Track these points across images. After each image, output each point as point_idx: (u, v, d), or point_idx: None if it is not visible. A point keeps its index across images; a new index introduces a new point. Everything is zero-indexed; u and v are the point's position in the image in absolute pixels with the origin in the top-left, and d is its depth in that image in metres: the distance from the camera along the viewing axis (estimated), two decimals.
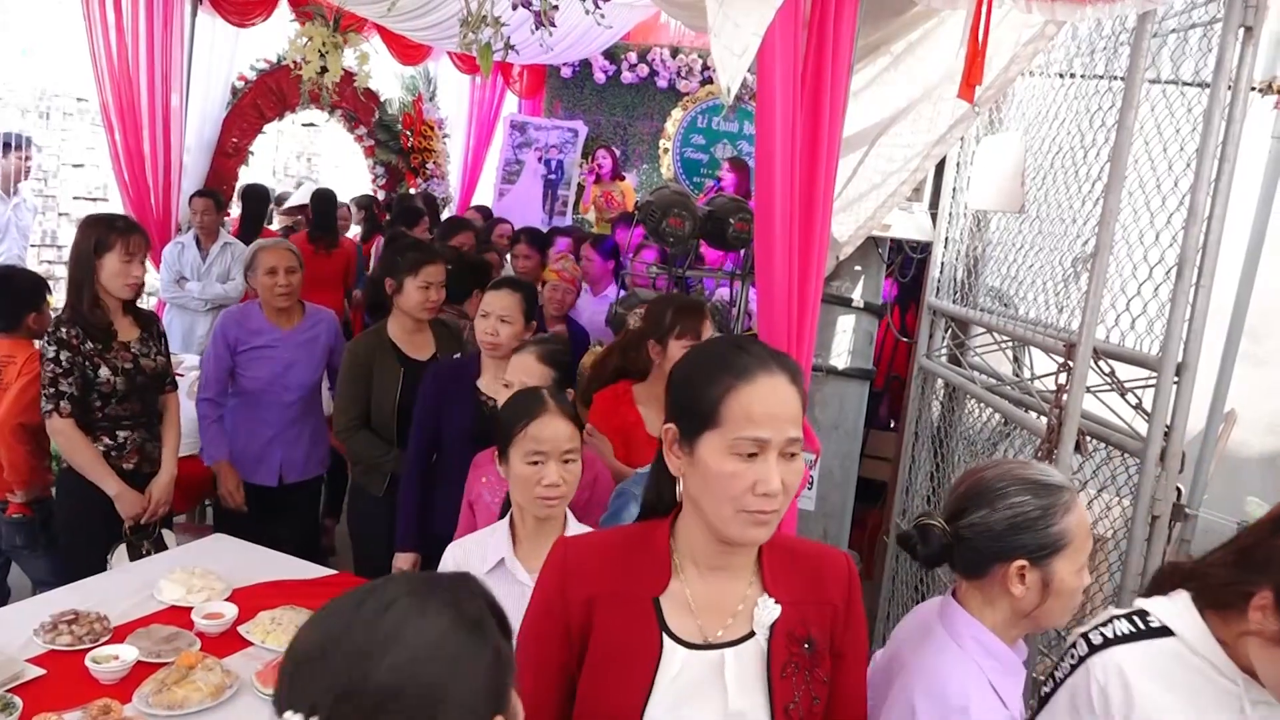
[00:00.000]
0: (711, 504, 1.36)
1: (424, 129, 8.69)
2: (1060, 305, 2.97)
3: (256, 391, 3.72)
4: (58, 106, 8.39)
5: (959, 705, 1.55)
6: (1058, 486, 1.64)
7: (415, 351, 3.52)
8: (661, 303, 3.06)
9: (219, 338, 3.69)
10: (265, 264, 3.66)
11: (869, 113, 3.37)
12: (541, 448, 2.13)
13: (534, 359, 2.74)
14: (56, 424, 3.12)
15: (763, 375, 1.35)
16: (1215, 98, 2.26)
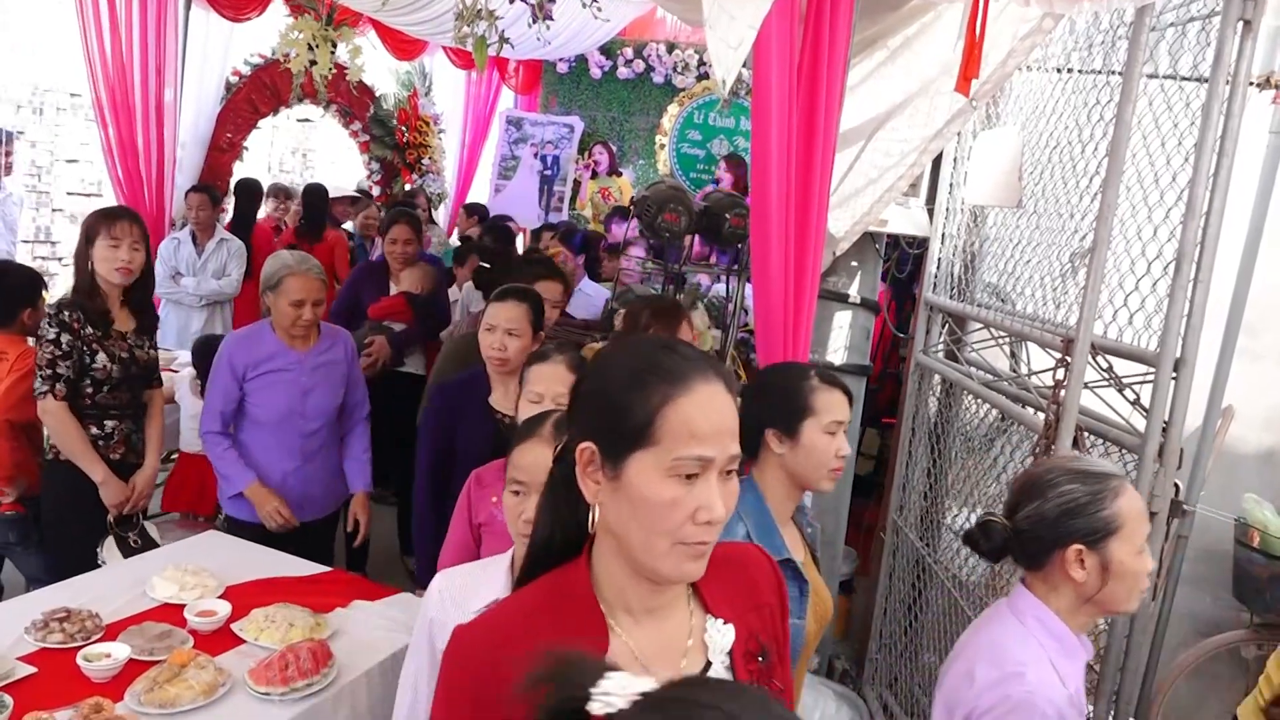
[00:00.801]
0: (641, 536, 1.15)
1: (419, 124, 8.67)
2: (1058, 301, 2.96)
3: (271, 422, 3.36)
4: (51, 101, 8.36)
5: (1015, 671, 1.66)
6: (1105, 474, 1.74)
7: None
8: (639, 304, 2.98)
9: (225, 365, 3.32)
10: (292, 293, 3.26)
11: (865, 107, 3.36)
12: (521, 477, 1.93)
13: (565, 368, 2.48)
14: (50, 405, 3.12)
15: (701, 382, 1.15)
16: (1214, 92, 2.25)
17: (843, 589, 4.46)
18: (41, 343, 3.11)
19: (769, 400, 2.06)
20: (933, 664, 3.50)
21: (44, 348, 3.10)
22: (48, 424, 3.19)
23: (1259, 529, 3.34)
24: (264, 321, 3.43)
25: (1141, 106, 2.51)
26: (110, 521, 3.28)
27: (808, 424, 2.00)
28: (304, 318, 3.29)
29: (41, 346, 3.10)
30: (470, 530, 2.41)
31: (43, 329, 3.12)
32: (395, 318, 4.85)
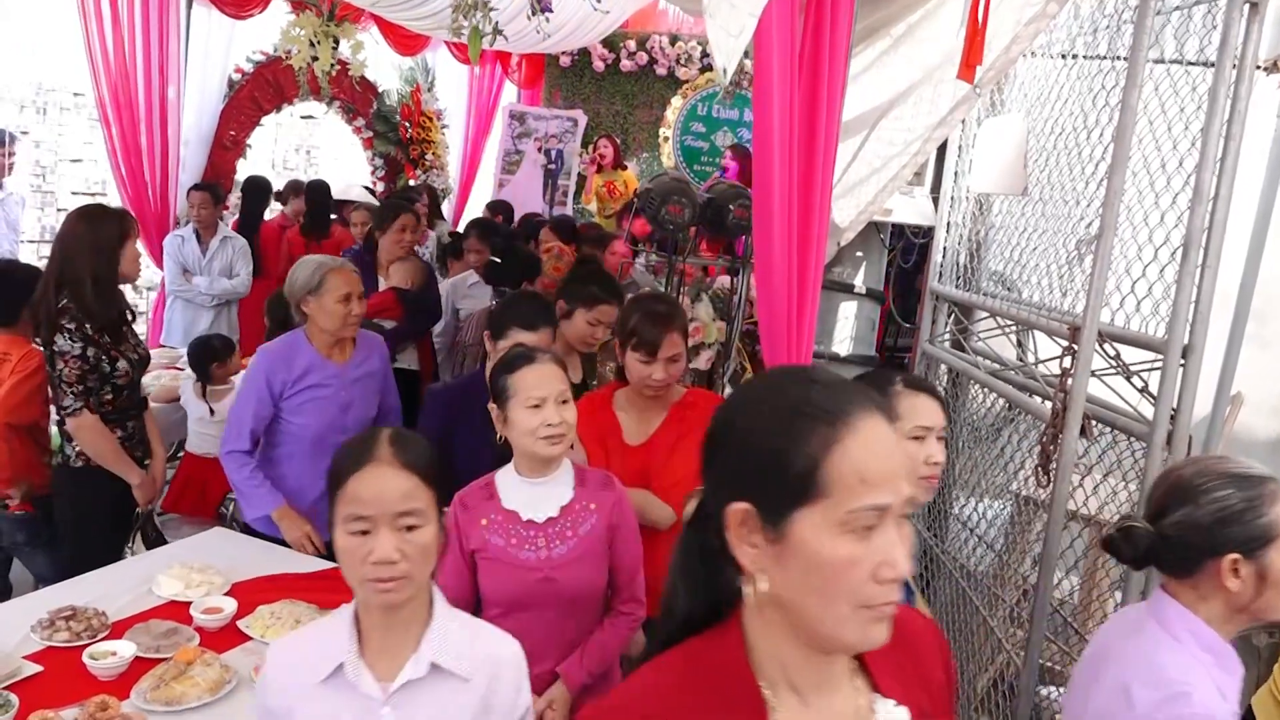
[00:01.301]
0: (820, 603, 1.00)
1: (423, 120, 8.64)
2: (1064, 288, 2.95)
3: (310, 440, 3.18)
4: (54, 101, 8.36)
5: (1181, 692, 1.53)
6: (1260, 477, 1.63)
7: None
8: (631, 304, 2.77)
9: (260, 382, 3.13)
10: (338, 289, 3.12)
11: (869, 96, 3.34)
12: (363, 511, 1.54)
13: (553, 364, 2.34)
14: (86, 420, 3.11)
15: (864, 418, 1.01)
16: (1220, 76, 2.23)
17: None
18: (65, 359, 3.06)
19: None
20: None
21: (70, 364, 3.06)
22: (83, 438, 3.17)
23: None
24: (297, 333, 3.24)
25: (1147, 91, 2.49)
26: (139, 516, 3.31)
27: None
28: (354, 312, 3.16)
29: (66, 362, 3.06)
30: (464, 559, 2.26)
31: (63, 344, 3.07)
32: (386, 314, 4.65)
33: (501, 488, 2.27)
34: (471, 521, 2.25)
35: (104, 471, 3.21)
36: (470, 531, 2.24)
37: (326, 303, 3.13)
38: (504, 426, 2.20)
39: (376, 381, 3.36)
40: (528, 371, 2.17)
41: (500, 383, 2.20)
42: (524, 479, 2.25)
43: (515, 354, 2.23)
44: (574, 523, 2.25)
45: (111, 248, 3.15)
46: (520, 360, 2.19)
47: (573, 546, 2.24)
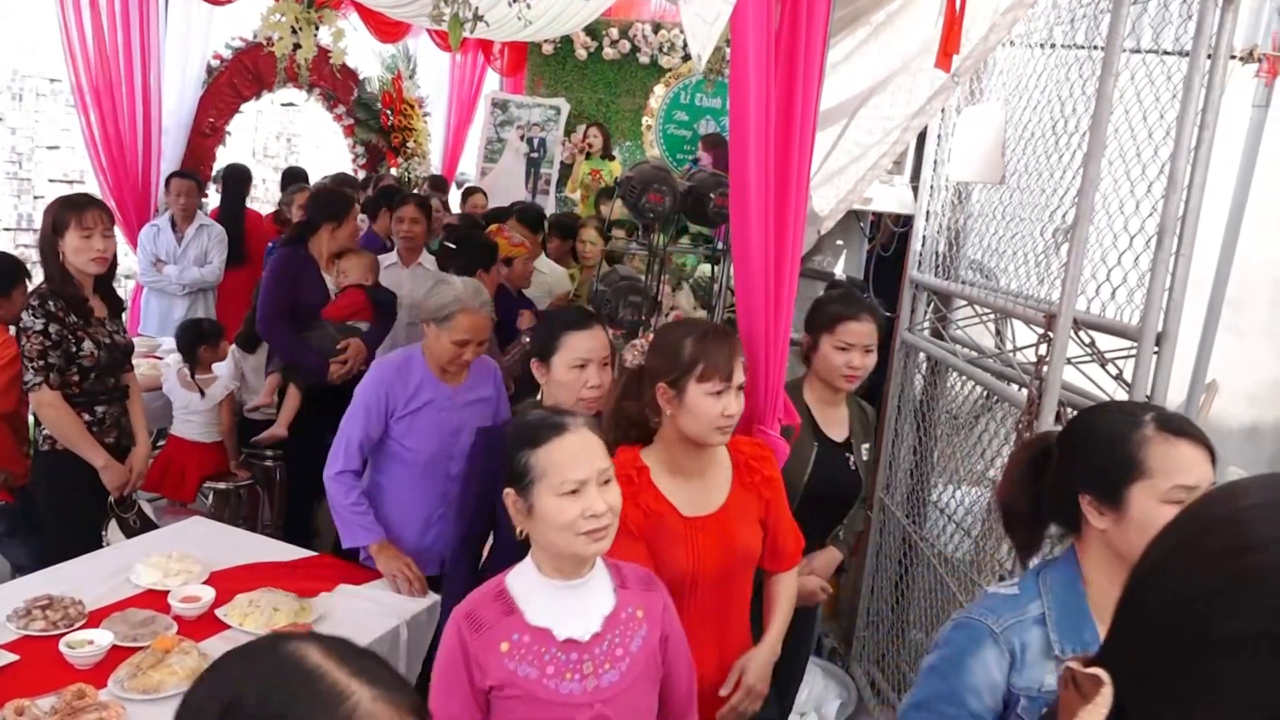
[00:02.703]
0: None
1: (404, 107, 8.61)
2: (1041, 277, 2.96)
3: (418, 464, 3.01)
4: (30, 87, 8.27)
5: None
6: None
7: (831, 427, 2.79)
8: (677, 330, 2.16)
9: (378, 398, 2.95)
10: (461, 332, 2.90)
11: (848, 84, 3.35)
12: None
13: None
14: (46, 396, 3.09)
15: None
16: (1195, 66, 2.24)
17: None
18: (28, 334, 3.06)
19: (1086, 454, 1.58)
20: (919, 641, 3.51)
21: (31, 339, 3.06)
22: (44, 415, 3.16)
23: None
24: (414, 349, 3.09)
25: (1123, 81, 2.50)
26: (111, 504, 3.28)
27: (1137, 490, 1.50)
28: (465, 357, 2.95)
29: (29, 338, 3.06)
30: (476, 700, 1.71)
31: (27, 320, 3.07)
32: (358, 316, 4.30)
33: (521, 597, 1.73)
34: (487, 648, 1.70)
35: (75, 455, 3.19)
36: (486, 662, 1.69)
37: (444, 339, 2.94)
38: (526, 519, 1.72)
39: (490, 408, 3.11)
40: (559, 445, 1.70)
41: (520, 461, 1.72)
42: (552, 582, 1.73)
43: (538, 420, 1.77)
44: (623, 638, 1.76)
45: (49, 238, 3.14)
46: (547, 430, 1.72)
47: (626, 670, 1.75)
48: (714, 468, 2.18)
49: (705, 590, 2.13)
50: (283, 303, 4.13)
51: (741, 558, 2.17)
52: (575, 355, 2.40)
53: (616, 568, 1.83)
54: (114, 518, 3.28)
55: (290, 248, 4.27)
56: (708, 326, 2.14)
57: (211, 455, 4.32)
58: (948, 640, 1.61)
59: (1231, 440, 3.89)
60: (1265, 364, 3.89)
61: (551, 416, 1.77)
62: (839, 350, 2.64)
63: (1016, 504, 1.65)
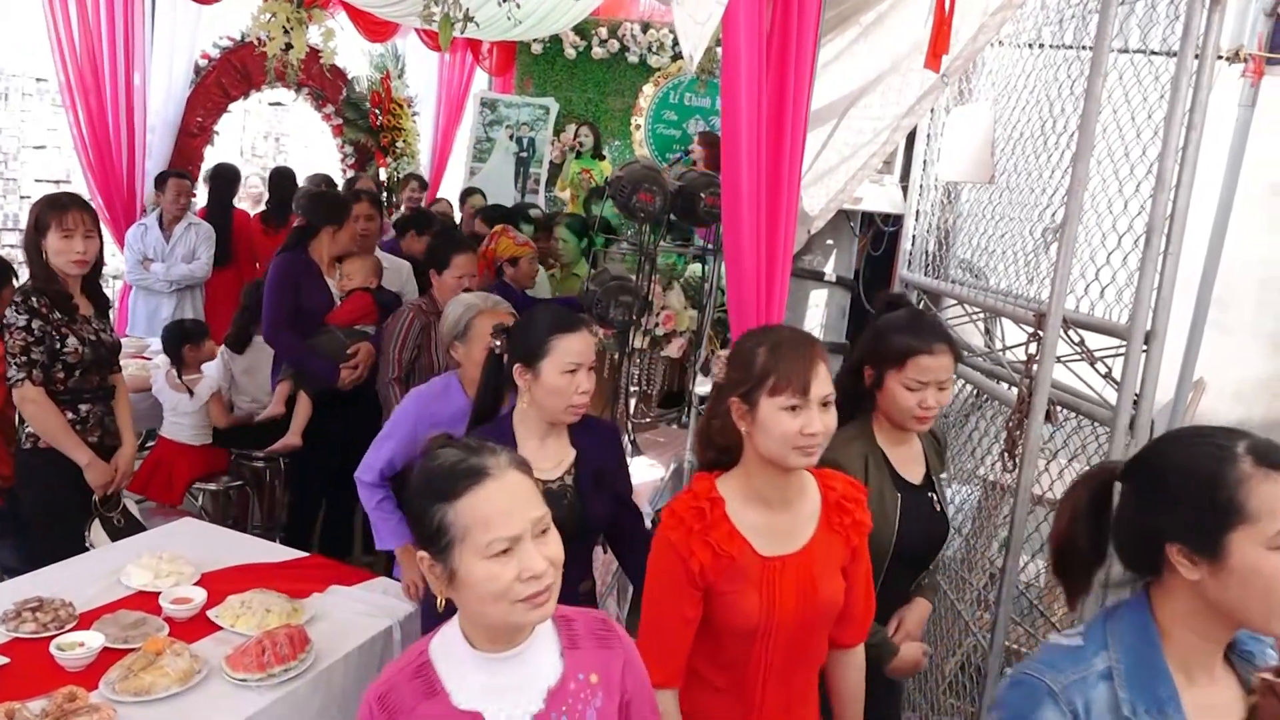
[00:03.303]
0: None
1: (393, 107, 8.59)
2: (1030, 276, 2.98)
3: None
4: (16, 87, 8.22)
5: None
6: None
7: (908, 469, 2.38)
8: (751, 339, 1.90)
9: (409, 424, 2.83)
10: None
11: (839, 85, 3.36)
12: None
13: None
14: (28, 392, 3.08)
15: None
16: (1182, 66, 2.25)
17: None
18: (11, 330, 3.06)
19: (1170, 496, 1.37)
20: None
21: (14, 335, 3.05)
22: (27, 411, 3.15)
23: None
24: (450, 376, 2.95)
25: (1111, 81, 2.52)
26: (95, 503, 3.26)
27: (1239, 537, 1.30)
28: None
29: (11, 334, 3.06)
30: None
31: (10, 316, 3.07)
32: (365, 320, 4.22)
33: (446, 674, 1.46)
34: None
35: (58, 454, 3.17)
36: None
37: (474, 351, 2.79)
38: (447, 586, 1.43)
39: None
40: (482, 496, 1.40)
41: (433, 519, 1.40)
42: (483, 655, 1.45)
43: (449, 466, 1.43)
44: (572, 713, 1.48)
45: (31, 238, 3.14)
46: (464, 478, 1.41)
47: None
48: (800, 500, 1.89)
49: (776, 644, 1.86)
50: (288, 309, 4.06)
51: (822, 610, 1.89)
52: (567, 360, 2.25)
53: (566, 622, 1.54)
54: (98, 518, 3.26)
55: (291, 253, 4.17)
56: (784, 334, 1.86)
57: (201, 457, 4.31)
58: (1003, 701, 1.44)
59: None
60: (1252, 362, 3.92)
61: (466, 459, 1.42)
62: (910, 391, 2.24)
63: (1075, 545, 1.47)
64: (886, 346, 2.29)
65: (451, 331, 2.90)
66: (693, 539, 1.80)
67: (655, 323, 4.21)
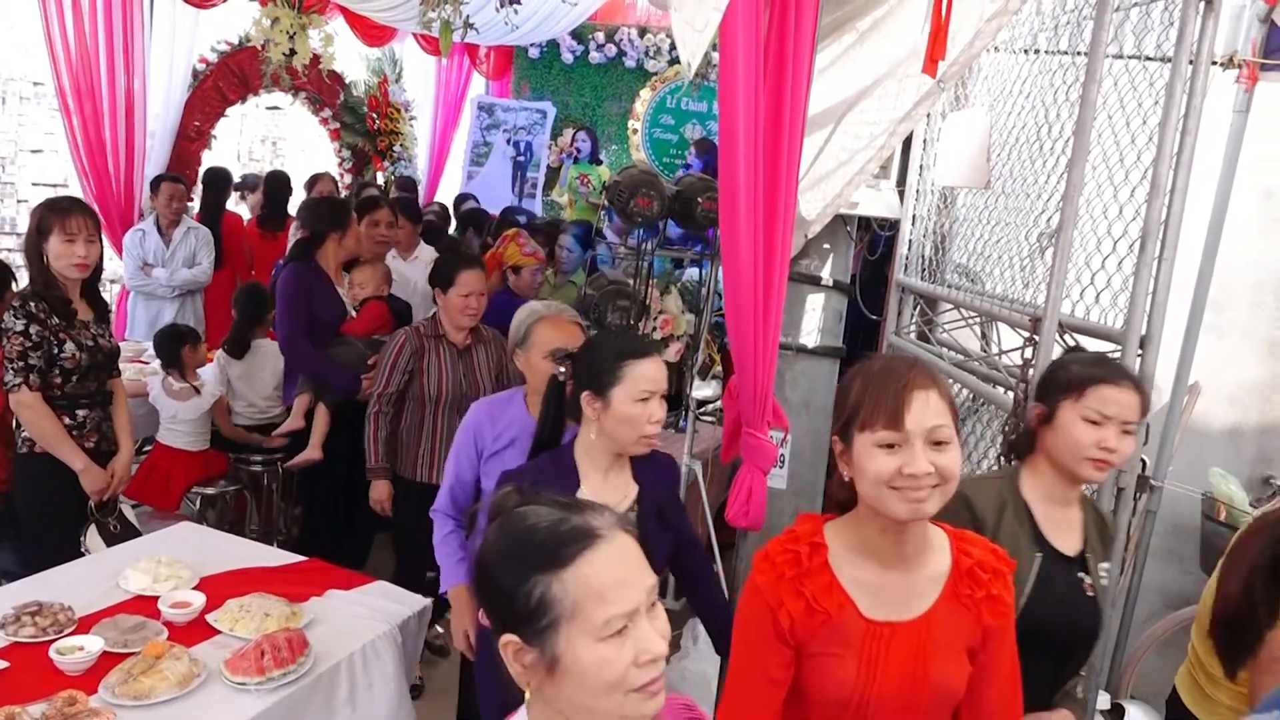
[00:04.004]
0: None
1: (390, 111, 8.60)
2: (1026, 280, 2.99)
3: None
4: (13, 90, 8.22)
5: None
6: None
7: (1059, 534, 2.05)
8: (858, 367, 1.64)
9: (466, 433, 2.69)
10: (547, 341, 2.58)
11: (835, 90, 3.37)
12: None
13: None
14: (25, 397, 3.08)
15: None
16: (1177, 72, 2.27)
17: None
18: (9, 335, 3.06)
19: None
20: None
21: (12, 340, 3.06)
22: (23, 416, 3.15)
23: (1225, 503, 3.40)
24: (517, 390, 2.79)
25: (1107, 86, 2.54)
26: (91, 509, 3.27)
27: None
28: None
29: (9, 339, 3.06)
30: None
31: (8, 321, 3.07)
32: (382, 329, 4.14)
33: None
34: None
35: (54, 459, 3.18)
36: None
37: (534, 359, 2.65)
38: (546, 677, 1.16)
39: None
40: (595, 561, 1.16)
41: (533, 595, 1.14)
42: None
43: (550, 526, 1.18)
44: None
45: (32, 241, 3.14)
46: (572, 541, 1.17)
47: None
48: (921, 559, 1.60)
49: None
50: (303, 320, 3.99)
51: (933, 693, 1.59)
52: (639, 387, 2.10)
53: None
54: (93, 523, 3.27)
55: (300, 263, 4.08)
56: (882, 360, 1.61)
57: (197, 463, 4.31)
58: None
59: (1213, 442, 3.92)
60: (1247, 365, 3.93)
61: (568, 518, 1.18)
62: (1089, 424, 1.95)
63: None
64: (1064, 375, 2.04)
65: (515, 339, 2.75)
66: (784, 587, 1.56)
67: (653, 327, 4.22)
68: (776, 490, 3.50)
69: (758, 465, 2.53)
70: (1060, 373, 2.06)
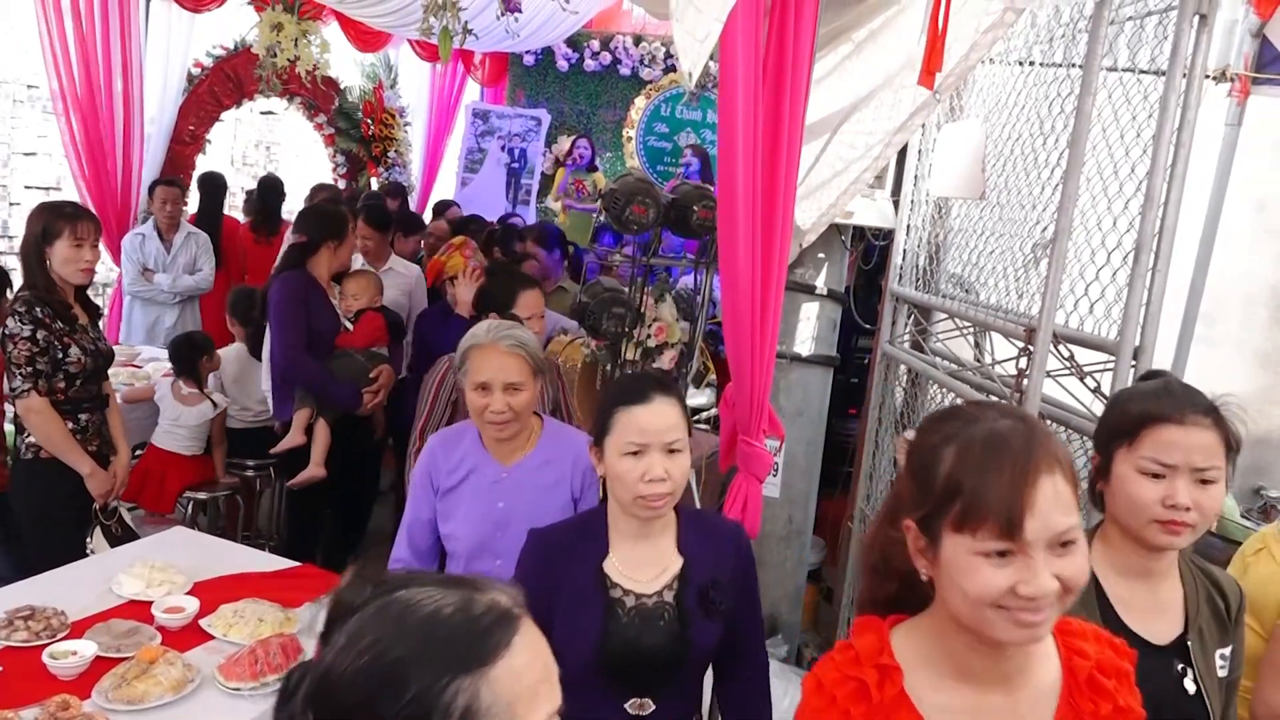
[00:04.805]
0: None
1: (385, 117, 8.60)
2: (1020, 291, 3.00)
3: (461, 558, 2.38)
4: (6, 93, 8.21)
5: None
6: None
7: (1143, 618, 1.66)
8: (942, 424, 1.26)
9: (420, 468, 2.45)
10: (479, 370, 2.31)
11: (832, 100, 3.39)
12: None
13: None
14: (34, 403, 3.07)
15: None
16: (1171, 85, 2.29)
17: (811, 578, 4.51)
18: (16, 341, 3.05)
19: None
20: None
21: (19, 345, 3.05)
22: (31, 422, 3.14)
23: None
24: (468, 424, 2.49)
25: (1101, 99, 2.55)
26: (96, 511, 3.27)
27: None
28: (492, 409, 2.28)
29: (16, 344, 3.05)
30: None
31: (14, 326, 3.06)
32: (379, 342, 4.11)
33: None
34: None
35: (58, 463, 3.17)
36: None
37: (467, 390, 2.36)
38: None
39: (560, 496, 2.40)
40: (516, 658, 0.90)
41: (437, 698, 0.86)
42: None
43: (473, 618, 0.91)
44: None
45: (36, 245, 3.12)
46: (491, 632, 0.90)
47: None
48: (1026, 674, 1.23)
49: None
50: (303, 332, 3.85)
51: None
52: (627, 439, 1.79)
53: None
54: (98, 525, 3.27)
55: (294, 271, 3.94)
56: (988, 425, 1.18)
57: (192, 467, 4.30)
58: None
59: None
60: (1237, 376, 3.96)
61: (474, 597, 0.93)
62: (1149, 477, 1.57)
63: None
64: (1115, 416, 1.66)
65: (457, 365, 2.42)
66: None
67: (647, 334, 4.22)
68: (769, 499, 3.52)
69: (754, 473, 2.54)
70: (1112, 412, 1.68)
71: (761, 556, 3.82)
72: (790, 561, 3.96)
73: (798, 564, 4.03)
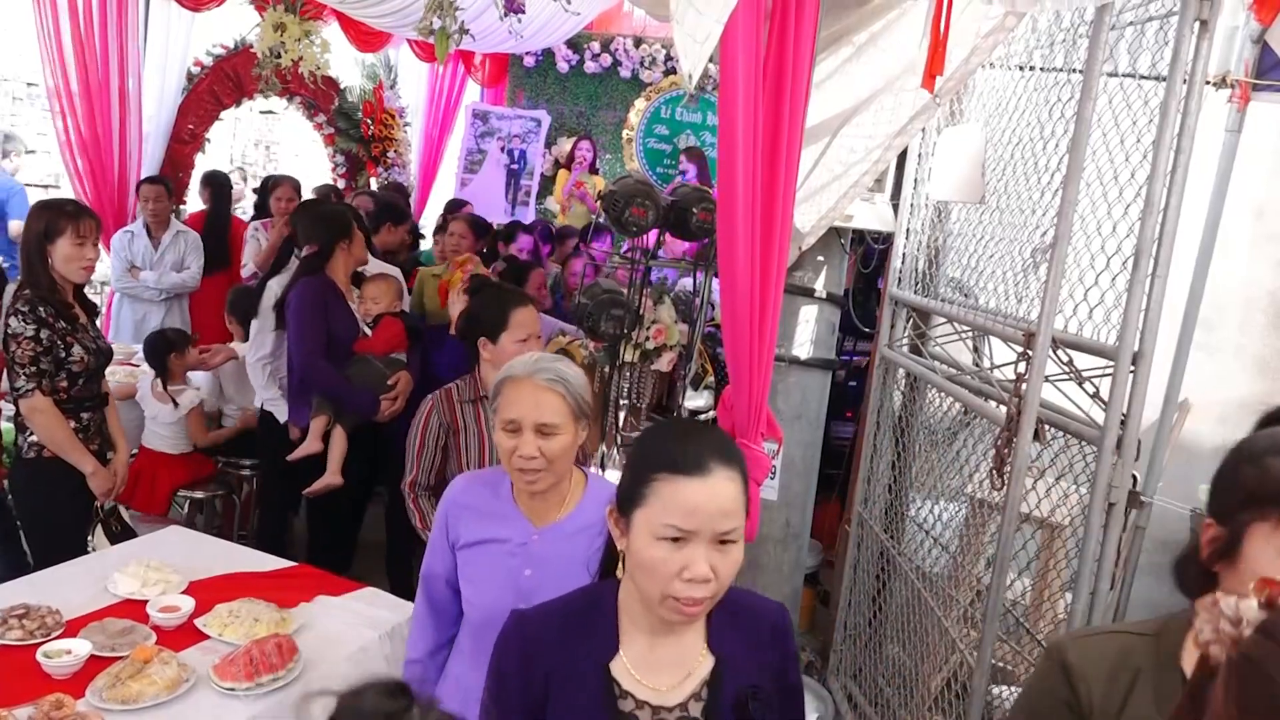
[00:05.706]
0: None
1: (385, 117, 8.60)
2: (1019, 295, 3.00)
3: (474, 624, 2.05)
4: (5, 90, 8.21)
5: None
6: None
7: None
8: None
9: (441, 513, 2.10)
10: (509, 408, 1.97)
11: (831, 103, 3.39)
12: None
13: None
14: (38, 402, 3.07)
15: None
16: (1171, 90, 2.28)
17: (808, 582, 4.50)
18: (19, 340, 3.04)
19: None
20: (896, 655, 3.54)
21: (23, 345, 3.04)
22: (35, 421, 3.13)
23: None
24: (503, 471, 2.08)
25: (1101, 104, 2.55)
26: (98, 510, 3.28)
27: None
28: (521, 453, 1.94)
29: (20, 344, 3.04)
30: None
31: (16, 326, 3.04)
32: (399, 347, 4.05)
33: None
34: None
35: (60, 462, 3.17)
36: None
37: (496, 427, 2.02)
38: None
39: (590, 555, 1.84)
40: None
41: None
42: None
43: None
44: None
45: (38, 242, 3.12)
46: None
47: None
48: None
49: None
50: (322, 338, 3.79)
51: None
52: (665, 520, 1.33)
53: None
54: (99, 523, 3.27)
55: (313, 277, 3.86)
56: None
57: (183, 466, 4.30)
58: None
59: (1203, 460, 3.94)
60: (1236, 383, 3.96)
61: None
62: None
63: None
64: (1251, 476, 1.28)
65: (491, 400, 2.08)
66: None
67: (646, 336, 4.22)
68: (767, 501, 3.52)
69: (752, 476, 2.53)
70: (1247, 470, 1.29)
71: (759, 559, 3.82)
72: (788, 565, 3.96)
73: (795, 567, 4.03)
